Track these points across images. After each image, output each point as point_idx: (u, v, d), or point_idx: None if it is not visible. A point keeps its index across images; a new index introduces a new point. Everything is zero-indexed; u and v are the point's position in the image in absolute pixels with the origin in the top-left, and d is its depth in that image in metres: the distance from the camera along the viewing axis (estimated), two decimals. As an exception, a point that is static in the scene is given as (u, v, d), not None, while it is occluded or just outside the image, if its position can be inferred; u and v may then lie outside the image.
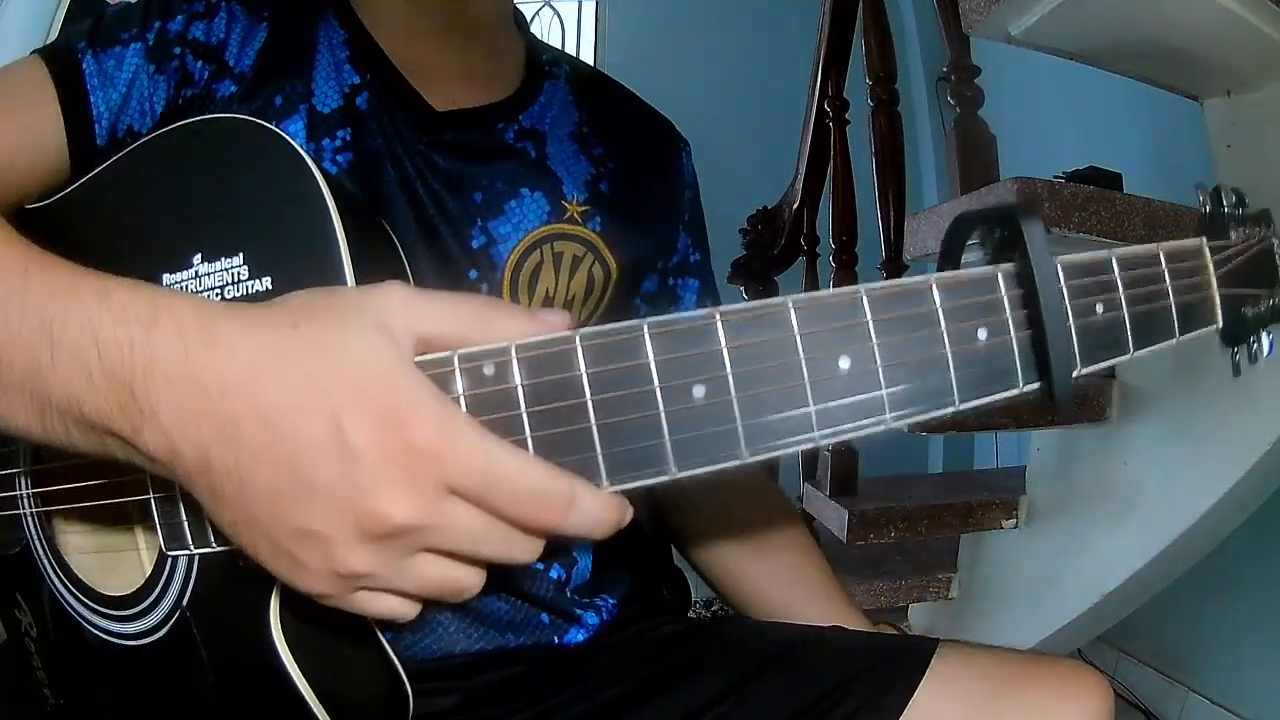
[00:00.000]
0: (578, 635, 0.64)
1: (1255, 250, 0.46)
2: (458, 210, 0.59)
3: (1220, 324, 0.44)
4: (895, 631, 0.72)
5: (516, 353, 0.33)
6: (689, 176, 0.74)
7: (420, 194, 0.59)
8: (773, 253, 2.05)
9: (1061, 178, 1.28)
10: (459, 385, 0.33)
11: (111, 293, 0.35)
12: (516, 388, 0.33)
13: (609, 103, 0.71)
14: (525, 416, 0.33)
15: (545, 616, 0.63)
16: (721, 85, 3.22)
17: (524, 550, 0.34)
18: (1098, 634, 1.55)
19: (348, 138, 0.57)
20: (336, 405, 0.32)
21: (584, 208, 0.63)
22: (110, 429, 0.34)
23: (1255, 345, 0.46)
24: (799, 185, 1.96)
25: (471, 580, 0.35)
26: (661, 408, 0.33)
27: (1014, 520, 1.45)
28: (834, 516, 1.44)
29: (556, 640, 0.63)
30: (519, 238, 0.61)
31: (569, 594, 0.64)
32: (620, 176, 0.67)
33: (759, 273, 2.07)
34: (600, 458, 0.34)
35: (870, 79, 1.57)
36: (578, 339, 0.33)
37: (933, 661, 0.57)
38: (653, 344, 0.33)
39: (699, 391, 0.33)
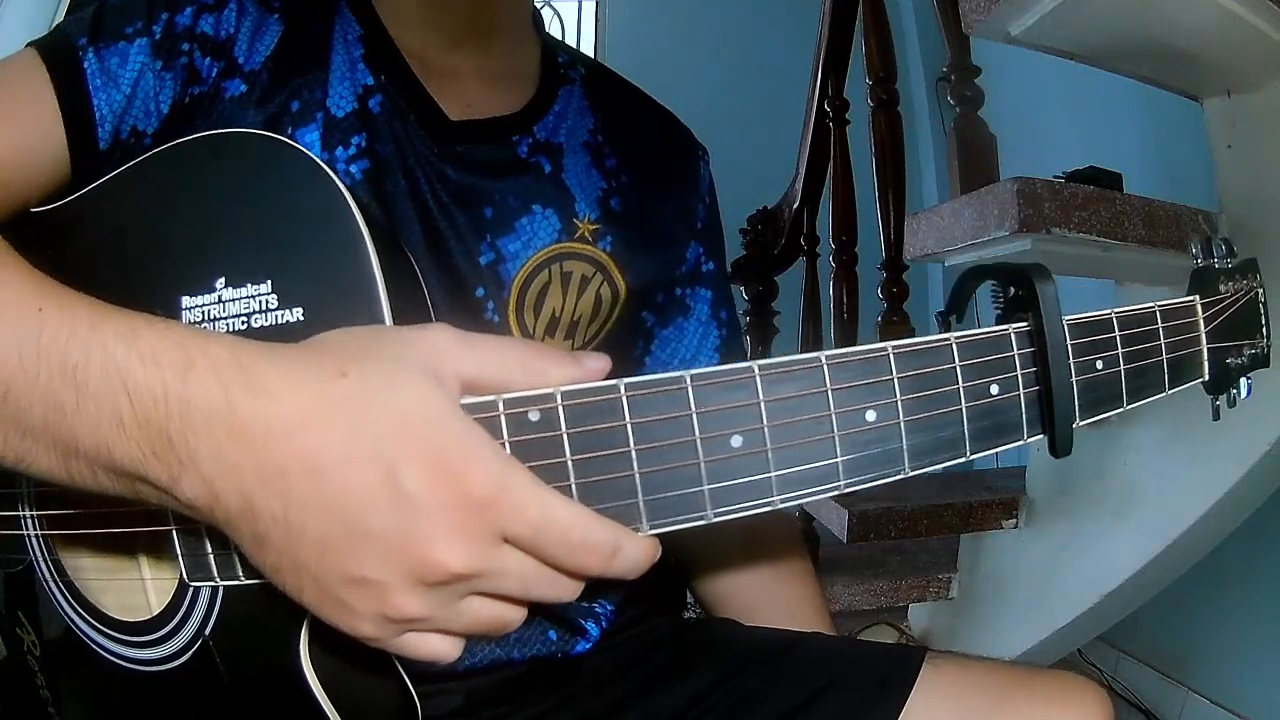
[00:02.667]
0: (582, 647, 0.64)
1: (1242, 302, 0.49)
2: (467, 225, 0.57)
3: (1207, 377, 0.48)
4: (896, 631, 0.72)
5: (562, 400, 0.34)
6: (705, 186, 0.72)
7: (430, 206, 0.57)
8: (773, 253, 2.05)
9: (1061, 178, 1.28)
10: (504, 431, 0.34)
11: (139, 333, 0.33)
12: (562, 435, 0.34)
13: (625, 109, 0.69)
14: (570, 464, 0.34)
15: (553, 633, 0.63)
16: (721, 85, 3.22)
17: (569, 591, 0.35)
18: (1098, 634, 1.55)
19: (362, 144, 0.55)
20: (390, 453, 0.31)
21: (595, 226, 0.62)
22: (144, 476, 0.33)
23: (1235, 391, 0.50)
24: (799, 185, 1.96)
25: (516, 616, 0.36)
26: (701, 457, 0.35)
27: (1014, 520, 1.45)
28: (834, 517, 1.44)
29: (560, 655, 0.63)
30: (528, 256, 0.59)
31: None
32: (633, 191, 0.65)
33: (759, 273, 2.07)
34: (641, 504, 0.35)
35: (870, 79, 1.57)
36: (622, 388, 0.34)
37: (928, 670, 0.57)
38: (695, 395, 0.35)
39: (737, 441, 0.35)
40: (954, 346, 0.38)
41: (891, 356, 0.37)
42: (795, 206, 1.96)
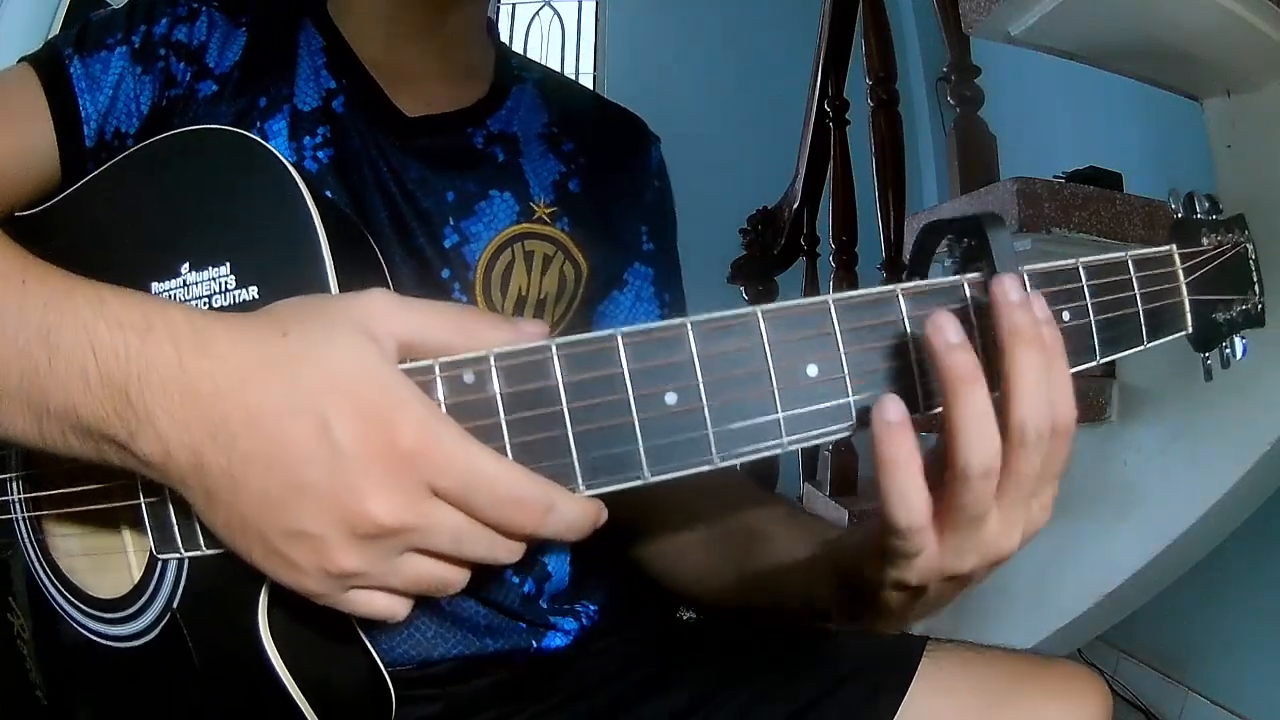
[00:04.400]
0: (556, 640, 0.63)
1: (1229, 255, 0.46)
2: (431, 209, 0.60)
3: (1190, 330, 0.45)
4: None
5: (495, 361, 0.34)
6: (655, 168, 0.74)
7: (394, 194, 0.60)
8: (773, 253, 2.05)
9: (1061, 178, 1.28)
10: (440, 392, 0.34)
11: (106, 300, 0.35)
12: (495, 396, 0.34)
13: (577, 104, 0.73)
14: (504, 424, 0.34)
15: (522, 623, 0.62)
16: (722, 85, 3.23)
17: (506, 551, 0.35)
18: (1098, 634, 1.55)
19: (327, 134, 0.59)
20: (323, 407, 0.32)
21: (552, 209, 0.64)
22: (107, 434, 0.35)
23: (1228, 349, 0.47)
24: (799, 185, 1.96)
25: (457, 577, 0.36)
26: (635, 415, 0.34)
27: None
28: (834, 516, 1.44)
29: (535, 645, 0.63)
30: (490, 237, 0.61)
31: (542, 604, 0.64)
32: (590, 173, 0.67)
33: (759, 273, 2.07)
34: (576, 463, 0.34)
35: (870, 79, 1.57)
36: (554, 348, 0.34)
37: (926, 665, 0.57)
38: (626, 352, 0.34)
39: (671, 398, 0.34)
40: (900, 298, 0.36)
41: (833, 308, 0.35)
42: (795, 206, 1.97)
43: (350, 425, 0.32)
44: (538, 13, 3.69)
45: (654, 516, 0.63)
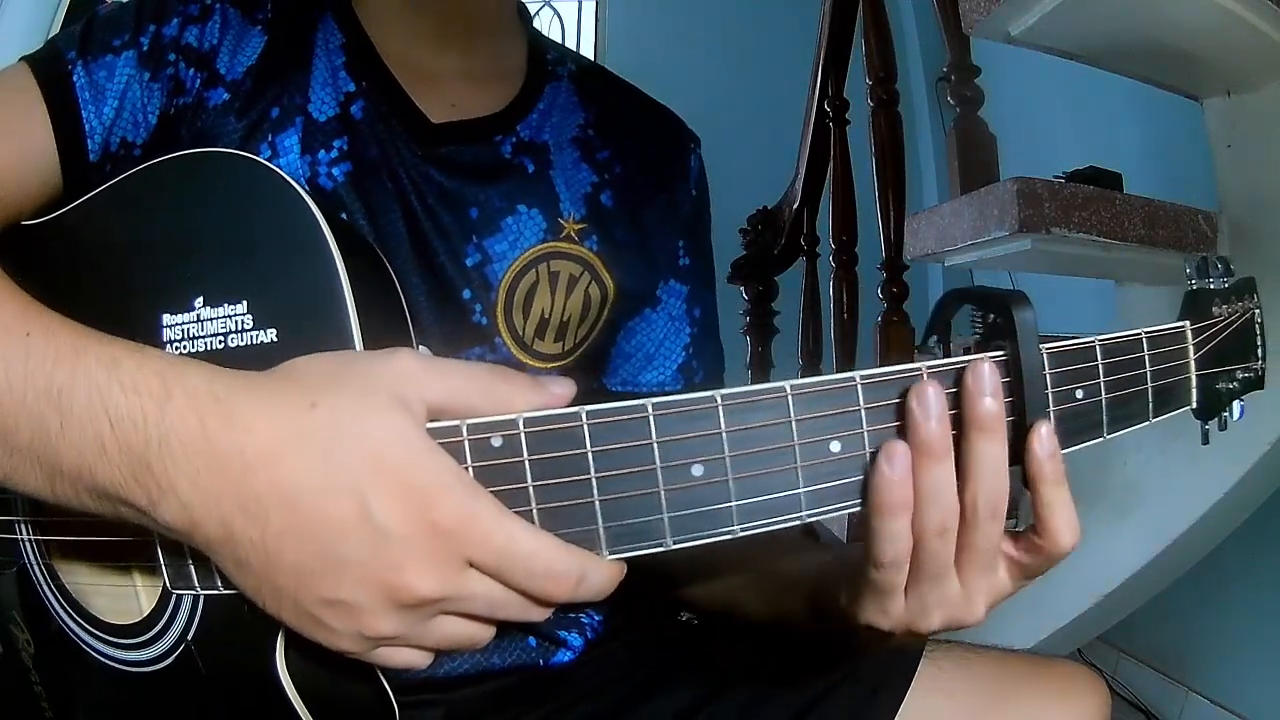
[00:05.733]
0: (564, 656, 0.63)
1: (1237, 325, 0.47)
2: (452, 227, 0.57)
3: (1194, 405, 0.46)
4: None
5: (524, 427, 0.35)
6: (694, 177, 0.70)
7: (415, 208, 0.57)
8: (773, 253, 2.05)
9: (1061, 178, 1.28)
10: (468, 456, 0.35)
11: (120, 362, 0.35)
12: (523, 462, 0.35)
13: (616, 103, 0.68)
14: (531, 490, 0.35)
15: (532, 640, 0.62)
16: (721, 85, 3.22)
17: (537, 614, 0.36)
18: (1098, 634, 1.55)
19: (344, 147, 0.55)
20: (362, 485, 0.33)
21: (581, 225, 0.61)
22: (125, 499, 0.34)
23: (1226, 414, 0.48)
24: (799, 185, 1.96)
25: (485, 635, 0.37)
26: (661, 486, 0.35)
27: (1014, 520, 1.45)
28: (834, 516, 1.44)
29: (542, 663, 0.62)
30: (515, 256, 0.59)
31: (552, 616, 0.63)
32: (624, 184, 0.64)
33: (759, 273, 2.07)
34: (601, 530, 0.35)
35: (870, 79, 1.57)
36: (584, 416, 0.35)
37: (926, 665, 0.57)
38: (656, 424, 0.35)
39: (698, 470, 0.35)
40: (925, 377, 0.37)
41: (859, 387, 0.36)
42: (795, 206, 1.97)
43: (390, 505, 0.32)
44: (537, 12, 3.69)
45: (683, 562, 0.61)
